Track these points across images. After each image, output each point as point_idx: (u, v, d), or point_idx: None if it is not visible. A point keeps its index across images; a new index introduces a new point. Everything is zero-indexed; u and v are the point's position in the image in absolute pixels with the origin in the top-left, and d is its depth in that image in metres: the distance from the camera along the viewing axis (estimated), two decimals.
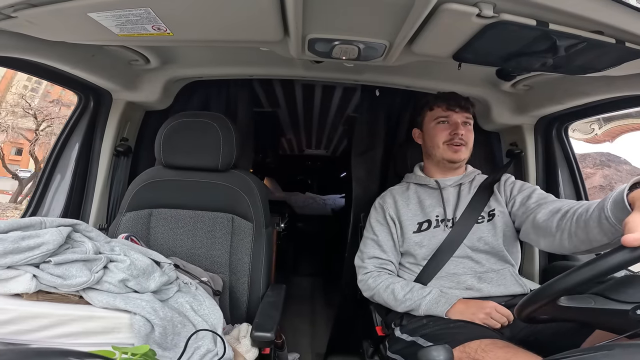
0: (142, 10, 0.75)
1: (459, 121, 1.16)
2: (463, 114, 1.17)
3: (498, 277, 1.08)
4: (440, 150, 1.17)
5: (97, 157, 1.43)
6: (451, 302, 0.99)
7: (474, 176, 1.22)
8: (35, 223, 0.78)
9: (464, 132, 1.15)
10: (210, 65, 1.44)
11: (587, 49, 0.80)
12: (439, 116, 1.18)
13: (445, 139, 1.16)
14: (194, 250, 1.19)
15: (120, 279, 0.77)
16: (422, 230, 1.15)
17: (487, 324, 0.94)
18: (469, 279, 1.07)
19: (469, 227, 1.12)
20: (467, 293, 1.05)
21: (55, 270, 0.73)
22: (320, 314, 2.55)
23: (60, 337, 0.71)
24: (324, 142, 3.94)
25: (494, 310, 0.95)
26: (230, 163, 1.24)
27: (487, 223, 1.12)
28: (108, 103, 1.43)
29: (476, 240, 1.10)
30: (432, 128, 1.20)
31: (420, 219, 1.16)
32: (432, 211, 1.16)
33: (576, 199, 1.47)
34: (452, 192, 1.19)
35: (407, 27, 0.82)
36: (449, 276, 1.09)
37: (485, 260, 1.10)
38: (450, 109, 1.17)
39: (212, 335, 0.82)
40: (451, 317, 0.98)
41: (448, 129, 1.16)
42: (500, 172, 1.23)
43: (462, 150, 1.15)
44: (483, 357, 0.75)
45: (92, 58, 1.15)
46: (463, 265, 1.09)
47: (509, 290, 1.07)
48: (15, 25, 0.83)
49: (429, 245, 1.12)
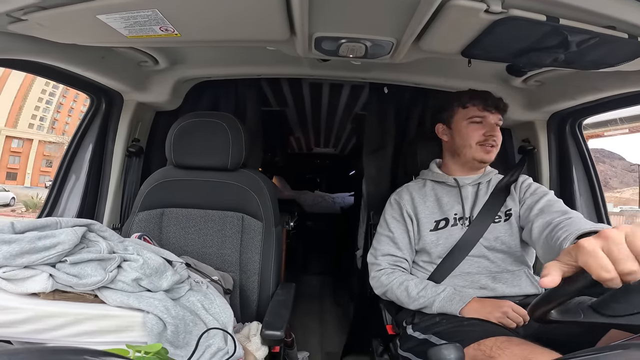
0: (150, 11, 0.76)
1: (493, 122, 1.13)
2: (497, 116, 1.14)
3: (513, 277, 1.07)
4: (472, 150, 1.14)
5: (110, 158, 1.46)
6: (465, 301, 0.98)
7: (491, 176, 1.20)
8: (51, 223, 0.81)
9: (497, 134, 1.13)
10: (218, 65, 1.45)
11: (599, 44, 0.78)
12: (473, 115, 1.14)
13: (479, 140, 1.13)
14: (205, 249, 1.21)
15: (133, 278, 0.79)
16: (439, 228, 1.14)
17: (502, 323, 0.93)
18: (483, 279, 1.06)
19: (486, 226, 1.10)
20: (481, 292, 1.04)
21: (71, 269, 0.75)
22: (330, 313, 2.55)
23: (75, 335, 0.73)
24: (332, 140, 3.93)
25: (511, 309, 0.94)
26: (240, 162, 1.25)
27: (504, 223, 1.11)
28: (119, 104, 1.46)
29: (493, 240, 1.09)
30: (464, 127, 1.15)
31: (437, 216, 1.15)
32: (450, 209, 1.15)
33: (591, 196, 1.44)
34: (470, 190, 1.17)
35: (414, 24, 0.81)
36: (463, 275, 1.08)
37: (501, 260, 1.09)
38: (487, 110, 1.13)
39: (222, 333, 0.83)
40: (465, 316, 0.97)
41: (482, 130, 1.13)
42: (516, 170, 1.21)
43: (493, 151, 1.13)
44: (499, 355, 0.74)
45: (102, 60, 1.17)
46: (478, 264, 1.08)
47: (523, 290, 1.05)
48: (26, 28, 0.84)
49: (445, 244, 1.11)
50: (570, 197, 1.43)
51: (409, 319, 1.08)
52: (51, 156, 35.42)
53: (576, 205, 1.41)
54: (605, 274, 0.47)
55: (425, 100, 1.67)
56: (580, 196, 1.44)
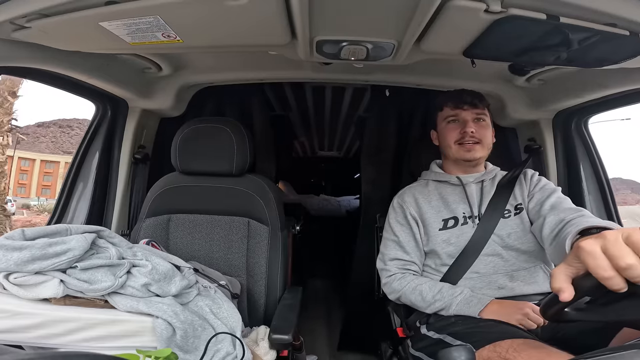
0: (151, 18, 0.77)
1: (469, 119, 1.12)
2: (473, 111, 1.13)
3: (529, 274, 1.05)
4: (452, 151, 1.14)
5: (116, 165, 1.47)
6: (484, 303, 0.96)
7: (494, 173, 1.19)
8: (61, 230, 0.82)
9: (476, 129, 1.11)
10: (220, 71, 1.47)
11: (601, 41, 0.77)
12: (447, 116, 1.16)
13: (456, 139, 1.13)
14: (212, 254, 1.21)
15: (142, 283, 0.79)
16: (449, 227, 1.11)
17: (523, 325, 0.91)
18: (500, 278, 1.04)
19: (496, 222, 1.08)
20: (500, 292, 1.02)
21: (82, 275, 0.76)
22: (337, 316, 2.54)
23: (86, 340, 0.73)
24: (337, 143, 3.94)
25: (531, 310, 0.92)
26: (245, 167, 1.26)
27: (514, 217, 1.09)
28: (124, 111, 1.47)
29: (506, 236, 1.07)
30: (443, 128, 1.17)
31: (445, 215, 1.13)
32: (457, 207, 1.13)
33: (600, 194, 1.43)
34: (475, 188, 1.16)
35: (414, 25, 0.81)
36: (480, 276, 1.05)
37: (515, 258, 1.06)
38: (458, 107, 1.14)
39: (231, 338, 0.83)
40: (484, 318, 0.95)
41: (458, 128, 1.13)
42: (520, 167, 1.19)
43: (475, 148, 1.11)
44: (514, 357, 0.73)
45: (107, 67, 1.19)
46: (493, 264, 1.06)
47: (542, 288, 1.03)
48: (30, 36, 0.85)
49: (457, 243, 1.09)
50: (579, 195, 1.41)
51: (423, 318, 1.06)
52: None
53: (585, 204, 1.40)
54: (602, 272, 0.48)
55: (427, 101, 1.67)
56: (589, 194, 1.42)
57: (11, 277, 0.74)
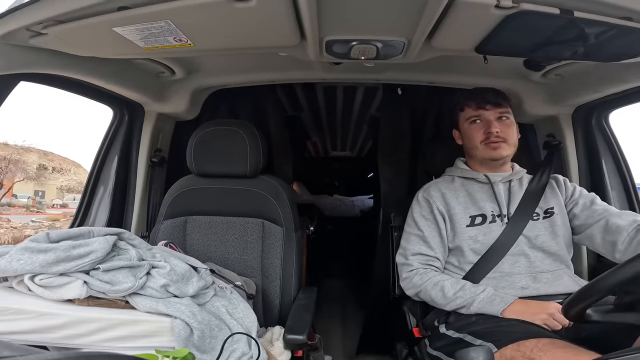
0: (163, 22, 0.79)
1: (492, 118, 1.11)
2: (495, 110, 1.11)
3: (553, 277, 1.03)
4: (479, 151, 1.13)
5: (134, 169, 1.51)
6: (507, 302, 0.94)
7: (522, 175, 1.17)
8: (84, 232, 0.85)
9: (500, 128, 1.10)
10: (232, 73, 1.48)
11: (617, 35, 0.75)
12: (470, 116, 1.14)
13: (482, 139, 1.11)
14: (227, 255, 1.23)
15: (161, 284, 0.81)
16: (476, 224, 1.09)
17: (547, 325, 0.89)
18: (524, 278, 1.02)
19: (525, 223, 1.07)
20: (522, 292, 1.00)
21: (104, 276, 0.79)
22: (352, 316, 2.54)
23: (108, 340, 0.76)
24: (349, 143, 3.93)
25: (557, 310, 0.88)
26: (258, 169, 1.27)
27: (542, 220, 1.08)
28: (141, 115, 1.51)
29: (534, 238, 1.06)
30: (466, 129, 1.16)
31: (473, 212, 1.11)
32: (485, 205, 1.11)
33: (624, 190, 1.38)
34: (502, 187, 1.14)
35: (424, 22, 0.81)
36: (503, 276, 1.03)
37: (540, 260, 1.05)
38: (480, 107, 1.12)
39: (246, 338, 0.84)
40: (506, 317, 0.92)
41: (482, 128, 1.11)
42: (546, 167, 1.18)
43: (501, 146, 1.10)
44: (540, 357, 0.71)
45: (123, 72, 1.21)
46: (518, 264, 1.04)
47: (566, 288, 1.00)
48: (47, 42, 0.87)
49: (484, 241, 1.07)
50: (602, 191, 1.37)
51: (442, 317, 1.04)
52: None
53: (609, 199, 1.35)
54: None
55: (440, 99, 1.65)
56: (612, 190, 1.38)
57: (36, 278, 0.77)
